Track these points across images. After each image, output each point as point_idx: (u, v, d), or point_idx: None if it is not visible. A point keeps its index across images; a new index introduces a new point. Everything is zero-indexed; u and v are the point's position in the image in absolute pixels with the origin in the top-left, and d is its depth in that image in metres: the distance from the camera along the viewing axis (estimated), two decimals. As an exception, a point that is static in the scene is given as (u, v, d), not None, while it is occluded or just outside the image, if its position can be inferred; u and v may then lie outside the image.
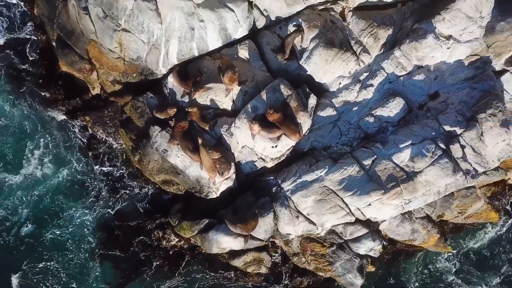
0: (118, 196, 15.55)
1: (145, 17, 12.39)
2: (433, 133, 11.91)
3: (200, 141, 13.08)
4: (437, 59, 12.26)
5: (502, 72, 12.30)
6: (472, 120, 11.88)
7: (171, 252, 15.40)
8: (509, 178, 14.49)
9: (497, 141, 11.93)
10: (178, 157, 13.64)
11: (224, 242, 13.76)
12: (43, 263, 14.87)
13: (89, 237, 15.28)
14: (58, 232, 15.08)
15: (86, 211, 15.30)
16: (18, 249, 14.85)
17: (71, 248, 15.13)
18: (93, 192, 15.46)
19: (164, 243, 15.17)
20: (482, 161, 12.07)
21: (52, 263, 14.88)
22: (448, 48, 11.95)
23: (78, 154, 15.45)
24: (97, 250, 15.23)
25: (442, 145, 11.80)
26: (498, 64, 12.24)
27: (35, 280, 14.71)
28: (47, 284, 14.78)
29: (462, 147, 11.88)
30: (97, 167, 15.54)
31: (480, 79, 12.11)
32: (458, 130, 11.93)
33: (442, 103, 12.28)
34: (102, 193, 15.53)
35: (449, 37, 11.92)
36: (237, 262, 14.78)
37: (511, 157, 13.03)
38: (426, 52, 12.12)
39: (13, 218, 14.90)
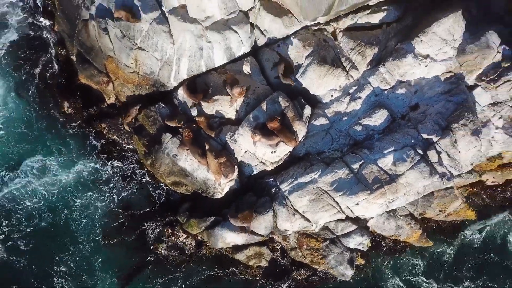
0: (130, 193, 17.00)
1: (159, 38, 14.01)
2: (413, 141, 13.55)
3: (207, 146, 14.69)
4: (417, 75, 13.90)
5: (474, 86, 13.93)
6: (446, 129, 13.51)
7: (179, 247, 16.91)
8: (487, 180, 16.07)
9: (469, 147, 13.57)
10: (187, 161, 15.21)
11: (228, 237, 15.35)
12: (58, 251, 16.40)
13: (101, 229, 16.76)
14: (73, 223, 16.63)
15: (99, 205, 16.80)
16: (37, 237, 16.37)
17: (84, 238, 16.61)
18: (106, 189, 16.93)
19: (173, 239, 16.67)
20: (456, 165, 13.71)
21: (66, 251, 16.43)
22: (426, 66, 13.59)
23: (94, 157, 16.97)
24: (109, 240, 16.70)
25: (420, 151, 13.44)
26: (470, 80, 13.87)
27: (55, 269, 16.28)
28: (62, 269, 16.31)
29: (438, 153, 13.51)
30: (109, 167, 17.02)
31: (454, 93, 13.74)
32: (435, 138, 13.56)
33: (421, 114, 13.92)
34: (115, 191, 17.01)
35: (426, 57, 13.57)
36: (240, 256, 16.30)
37: (482, 161, 14.69)
38: (406, 69, 13.77)
39: (34, 210, 16.47)
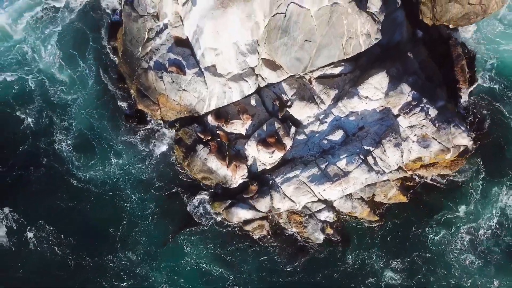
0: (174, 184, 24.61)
1: (197, 85, 21.92)
2: (358, 150, 21.45)
3: (227, 153, 22.60)
4: (361, 108, 21.76)
5: (398, 115, 21.74)
6: (379, 142, 21.42)
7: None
8: (412, 174, 23.85)
9: (394, 154, 21.48)
10: (214, 163, 23.05)
11: (241, 214, 23.01)
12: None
13: (151, 207, 24.04)
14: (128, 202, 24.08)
15: (150, 190, 24.23)
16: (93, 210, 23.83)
17: (137, 211, 24.08)
18: (154, 180, 24.37)
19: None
20: (386, 166, 21.64)
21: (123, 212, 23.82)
22: (366, 103, 21.48)
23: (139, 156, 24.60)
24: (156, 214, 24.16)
25: (362, 157, 21.34)
26: (395, 111, 21.65)
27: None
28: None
29: (374, 158, 21.40)
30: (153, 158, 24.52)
31: (385, 119, 21.63)
32: (372, 148, 21.45)
33: (364, 133, 21.81)
34: (161, 181, 24.54)
35: (366, 97, 21.46)
36: (249, 227, 23.78)
37: (407, 163, 22.59)
38: (355, 104, 21.67)
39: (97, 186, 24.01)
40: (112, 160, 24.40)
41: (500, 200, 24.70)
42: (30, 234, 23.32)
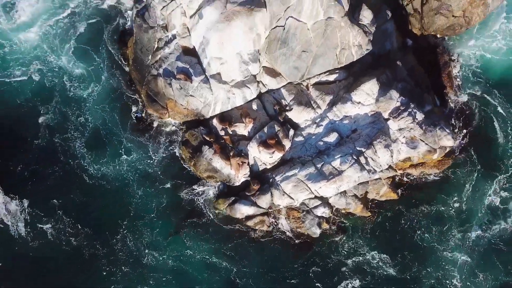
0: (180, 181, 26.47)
1: (203, 91, 23.83)
2: (351, 151, 23.36)
3: (231, 153, 24.50)
4: (355, 112, 23.69)
5: (388, 119, 23.69)
6: (370, 144, 23.35)
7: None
8: (402, 173, 25.74)
9: (384, 155, 23.40)
10: (218, 162, 24.94)
11: (243, 210, 24.92)
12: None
13: (156, 200, 25.80)
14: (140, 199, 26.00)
15: (155, 185, 26.03)
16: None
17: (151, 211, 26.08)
18: (161, 176, 26.16)
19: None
20: (377, 165, 23.56)
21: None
22: (359, 108, 23.42)
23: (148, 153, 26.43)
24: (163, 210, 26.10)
25: (355, 157, 23.26)
26: (385, 115, 23.57)
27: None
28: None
29: (365, 158, 23.33)
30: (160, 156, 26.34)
31: (376, 123, 23.56)
32: (364, 149, 23.38)
33: (357, 135, 23.73)
34: (168, 179, 26.40)
35: (359, 102, 23.40)
36: (251, 223, 25.69)
37: (397, 163, 24.50)
38: (348, 109, 23.60)
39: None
40: (122, 156, 26.16)
41: (488, 196, 26.34)
42: (47, 226, 25.13)
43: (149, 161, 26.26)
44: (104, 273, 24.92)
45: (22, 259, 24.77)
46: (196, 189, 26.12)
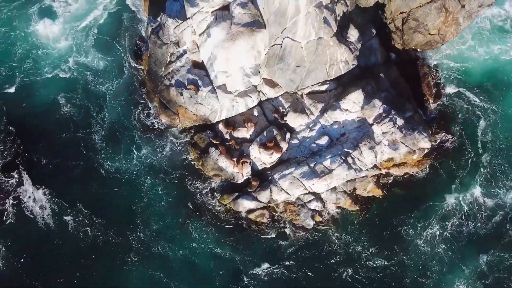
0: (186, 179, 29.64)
1: (211, 100, 27.21)
2: (340, 152, 26.70)
3: (235, 154, 27.87)
4: (343, 118, 27.04)
5: (372, 124, 27.01)
6: (357, 146, 26.70)
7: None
8: (387, 171, 29.03)
9: (369, 156, 26.73)
10: (223, 162, 28.27)
11: (246, 204, 28.09)
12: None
13: (165, 193, 28.55)
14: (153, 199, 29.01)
15: (165, 179, 29.04)
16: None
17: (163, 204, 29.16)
18: (169, 174, 29.40)
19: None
20: (363, 165, 26.90)
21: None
22: (346, 114, 26.79)
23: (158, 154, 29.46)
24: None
25: (343, 158, 26.61)
26: (370, 121, 26.90)
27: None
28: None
29: (353, 158, 26.66)
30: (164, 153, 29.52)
31: (362, 127, 26.90)
32: (351, 151, 26.70)
33: (345, 138, 27.08)
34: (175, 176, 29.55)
35: (346, 110, 26.76)
36: (252, 216, 28.97)
37: (381, 163, 27.84)
38: (337, 115, 26.96)
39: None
40: (134, 153, 29.00)
41: (470, 191, 28.64)
42: (68, 217, 27.54)
43: (158, 157, 28.89)
44: (118, 262, 26.85)
45: (48, 248, 27.29)
46: (202, 185, 29.12)
